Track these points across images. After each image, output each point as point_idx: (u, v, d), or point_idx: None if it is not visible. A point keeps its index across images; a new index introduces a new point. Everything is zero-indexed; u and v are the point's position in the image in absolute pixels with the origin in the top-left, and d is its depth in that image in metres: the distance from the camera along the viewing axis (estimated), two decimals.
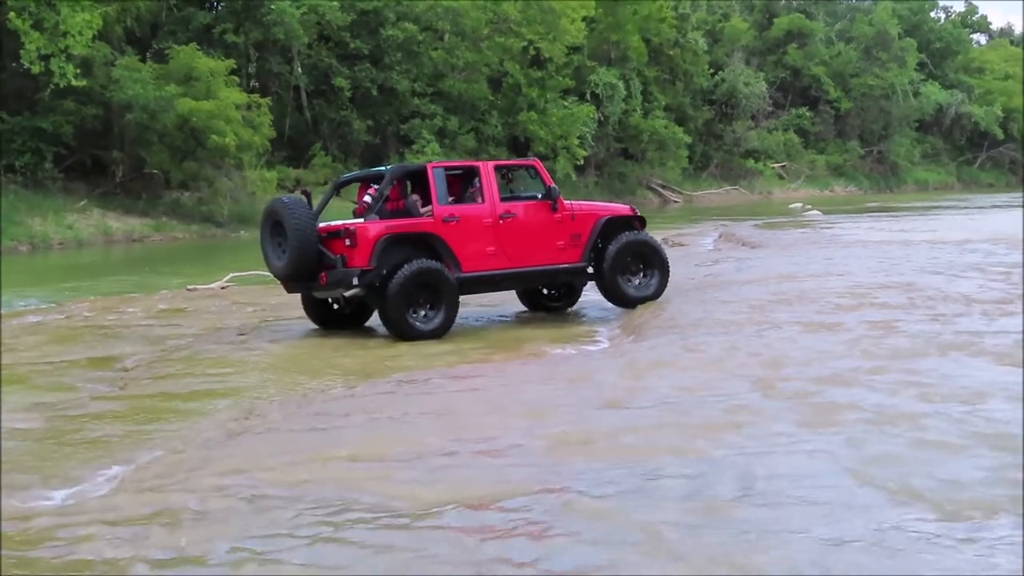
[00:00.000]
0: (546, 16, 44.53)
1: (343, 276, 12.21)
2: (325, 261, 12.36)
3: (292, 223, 12.28)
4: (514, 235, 13.25)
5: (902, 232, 26.79)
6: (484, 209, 13.14)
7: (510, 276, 13.47)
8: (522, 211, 13.43)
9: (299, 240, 12.24)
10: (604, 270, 13.82)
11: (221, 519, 5.96)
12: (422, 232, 12.67)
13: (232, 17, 40.05)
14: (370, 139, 42.67)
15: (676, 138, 52.69)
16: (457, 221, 12.84)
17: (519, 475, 6.63)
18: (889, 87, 66.14)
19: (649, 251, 14.25)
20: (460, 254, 12.77)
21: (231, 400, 9.59)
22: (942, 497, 5.91)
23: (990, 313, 12.06)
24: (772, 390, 8.64)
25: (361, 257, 12.15)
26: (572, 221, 13.64)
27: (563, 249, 13.58)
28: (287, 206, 12.61)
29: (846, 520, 5.67)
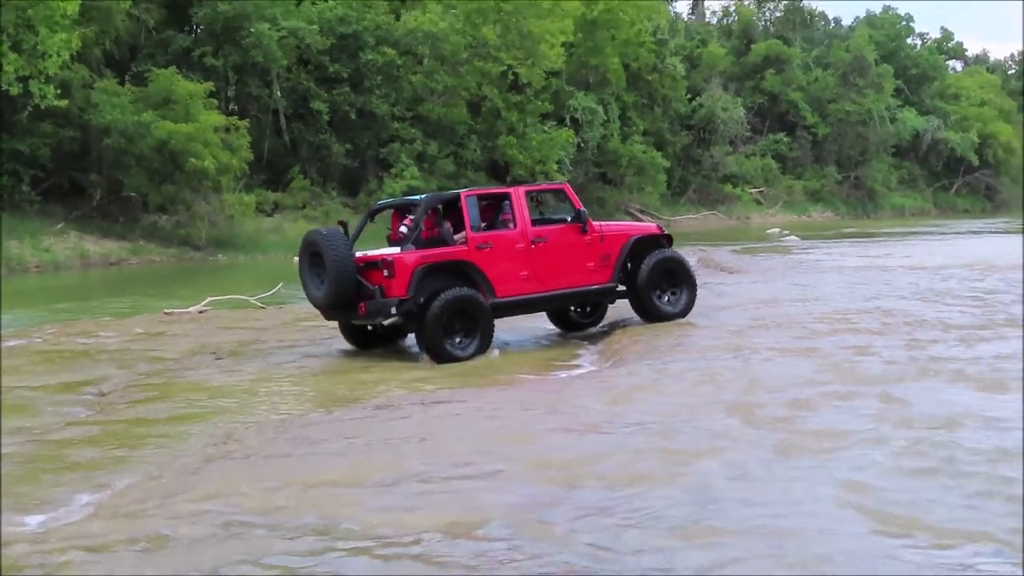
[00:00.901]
0: (525, 41, 44.65)
1: (382, 306, 12.46)
2: (363, 291, 12.60)
3: (331, 255, 12.49)
4: (546, 259, 13.50)
5: (879, 258, 26.91)
6: (516, 234, 13.40)
7: (542, 299, 13.78)
8: (553, 235, 13.69)
9: (338, 271, 12.46)
10: (638, 288, 14.12)
11: (197, 546, 5.93)
12: (457, 260, 12.89)
13: (211, 40, 40.06)
14: (349, 163, 42.64)
15: (655, 163, 52.86)
16: (491, 248, 13.11)
17: (498, 501, 6.61)
18: (866, 113, 66.52)
19: (679, 268, 14.58)
20: (494, 280, 13.03)
21: (208, 425, 9.55)
22: (920, 524, 5.93)
23: (966, 339, 12.11)
24: (750, 416, 8.65)
25: (399, 287, 12.40)
26: (601, 242, 13.94)
27: (593, 270, 13.88)
28: (326, 238, 12.79)
29: (822, 546, 5.68)
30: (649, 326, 14.21)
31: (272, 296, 20.31)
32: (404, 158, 42.17)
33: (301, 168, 41.71)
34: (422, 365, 12.66)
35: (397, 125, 42.97)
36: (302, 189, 40.94)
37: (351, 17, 41.96)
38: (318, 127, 42.06)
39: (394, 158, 42.46)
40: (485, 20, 43.94)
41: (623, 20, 51.84)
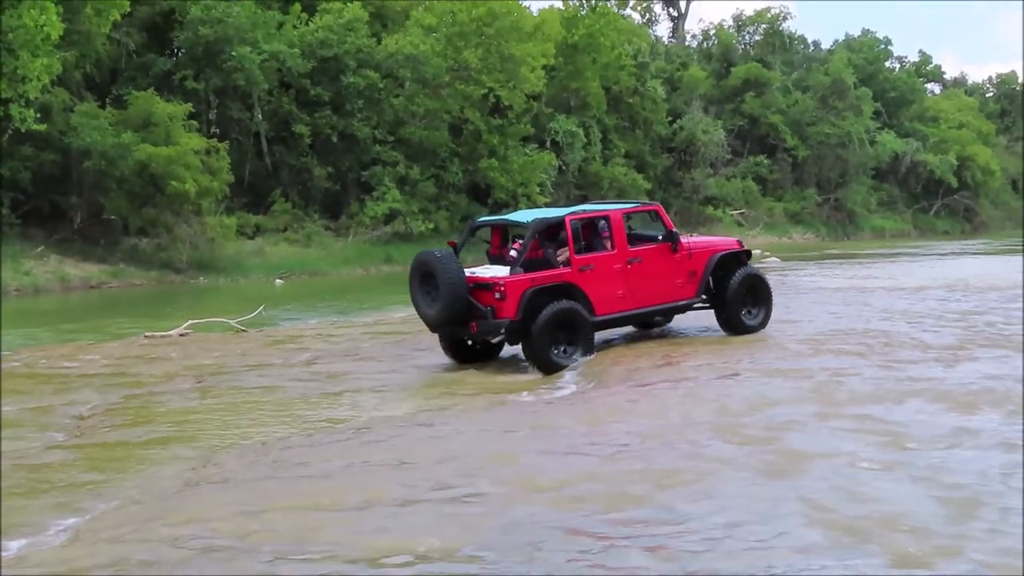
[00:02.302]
0: (506, 64, 44.69)
1: (493, 327, 13.32)
2: (474, 311, 13.31)
3: (445, 277, 13.21)
4: (640, 278, 14.31)
5: (859, 279, 27.00)
6: (614, 256, 14.18)
7: (635, 316, 14.71)
8: (647, 255, 14.48)
9: (452, 292, 13.18)
10: (727, 303, 14.88)
11: (175, 571, 5.90)
12: (563, 283, 13.61)
13: (192, 63, 39.96)
14: (330, 186, 42.53)
15: (636, 185, 52.90)
16: (592, 269, 13.88)
17: (479, 524, 6.60)
18: (845, 135, 66.66)
19: (761, 285, 15.31)
20: (594, 300, 13.81)
21: (188, 449, 9.52)
22: (897, 542, 5.95)
23: (944, 359, 12.17)
24: (730, 436, 8.67)
25: (510, 309, 13.17)
26: (689, 259, 14.77)
27: (681, 286, 14.72)
28: (439, 260, 13.46)
29: (798, 564, 5.69)
30: (630, 348, 14.26)
31: (253, 319, 20.25)
32: (386, 181, 42.08)
33: (282, 191, 41.58)
34: (404, 386, 12.68)
35: (379, 148, 42.89)
36: (283, 212, 40.81)
37: (332, 40, 41.90)
38: (300, 150, 41.96)
39: (376, 181, 42.37)
40: (467, 43, 43.96)
41: (604, 44, 51.94)
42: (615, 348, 14.26)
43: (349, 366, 14.42)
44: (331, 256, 39.48)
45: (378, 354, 15.47)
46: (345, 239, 41.19)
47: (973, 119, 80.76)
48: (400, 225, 41.78)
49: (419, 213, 42.49)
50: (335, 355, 15.52)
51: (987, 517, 6.37)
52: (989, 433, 8.49)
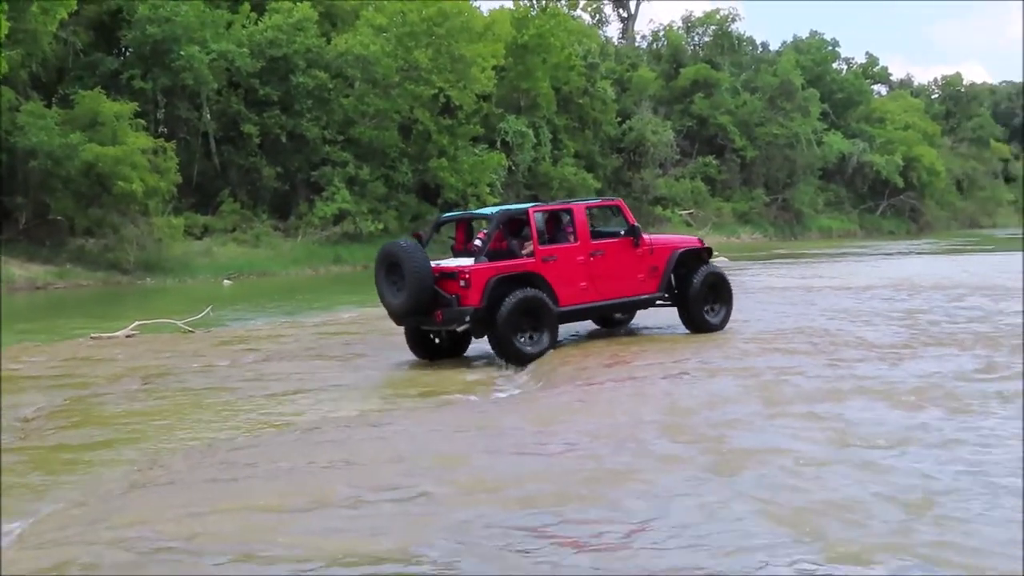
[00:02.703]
0: (456, 64, 44.71)
1: (458, 314, 13.45)
2: (440, 300, 13.51)
3: (411, 266, 13.41)
4: (602, 270, 14.53)
5: (806, 279, 27.22)
6: (577, 248, 14.40)
7: (597, 308, 14.91)
8: (609, 248, 14.70)
9: (417, 281, 13.37)
10: (690, 301, 15.08)
11: (120, 572, 5.86)
12: (526, 272, 13.87)
13: (140, 62, 39.68)
14: (279, 186, 42.37)
15: (586, 185, 53.08)
16: (555, 260, 14.12)
17: (428, 524, 6.60)
18: (793, 136, 67.21)
19: (722, 284, 15.51)
20: (558, 290, 14.00)
21: (134, 450, 9.44)
22: (845, 539, 6.00)
23: (889, 358, 12.30)
24: (678, 435, 8.71)
25: (474, 297, 13.39)
26: (651, 255, 14.96)
27: (643, 281, 14.92)
28: (405, 250, 13.69)
29: (742, 561, 5.74)
30: (578, 347, 14.30)
31: (201, 320, 20.12)
32: (335, 181, 41.99)
33: (231, 191, 41.39)
34: (352, 387, 12.65)
35: (328, 148, 42.78)
36: (232, 212, 40.62)
37: (281, 40, 41.76)
38: (248, 150, 41.79)
39: (325, 181, 42.27)
40: (417, 43, 43.94)
41: (554, 44, 52.10)
42: (564, 348, 14.29)
43: (297, 367, 14.36)
44: (280, 256, 39.34)
45: (327, 355, 15.42)
46: (294, 239, 41.05)
47: (919, 120, 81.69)
48: (349, 225, 41.71)
49: (368, 213, 42.43)
50: (283, 356, 15.45)
51: (930, 512, 6.45)
52: (933, 430, 8.59)
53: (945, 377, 10.94)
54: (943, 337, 13.98)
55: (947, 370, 11.37)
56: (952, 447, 8.03)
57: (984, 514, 6.42)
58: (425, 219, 42.62)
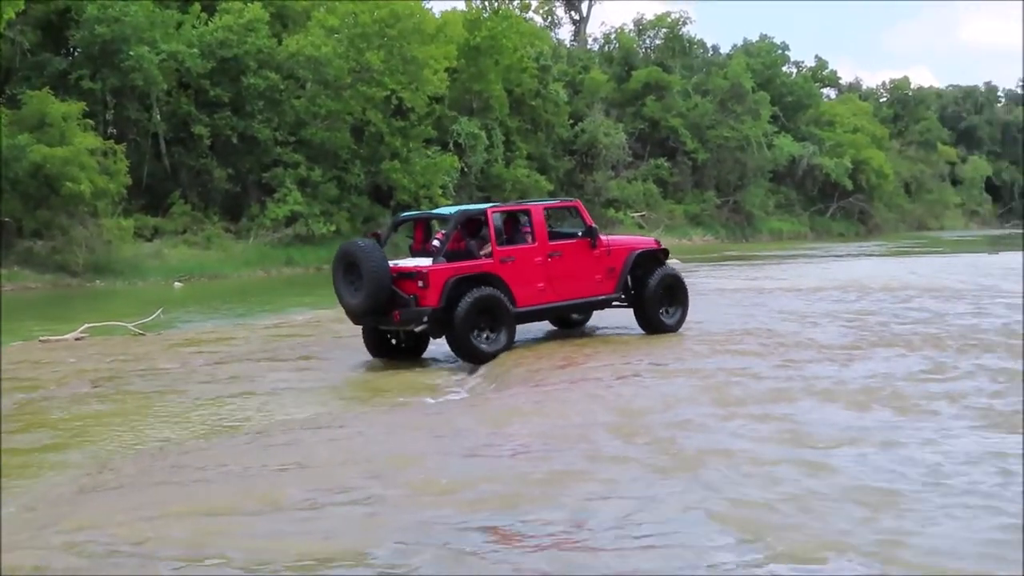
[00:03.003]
0: (408, 66, 44.61)
1: (415, 314, 13.46)
2: (398, 300, 13.51)
3: (369, 266, 13.37)
4: (560, 271, 14.60)
5: (757, 280, 27.41)
6: (535, 249, 14.48)
7: (555, 308, 14.96)
8: (567, 249, 14.79)
9: (376, 281, 13.36)
10: (645, 302, 15.18)
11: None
12: (484, 273, 13.90)
13: (89, 63, 39.30)
14: (230, 187, 42.09)
15: (538, 187, 53.14)
16: (513, 261, 14.20)
17: (380, 526, 6.59)
18: (744, 139, 67.63)
19: (678, 285, 15.63)
20: (516, 291, 14.08)
21: (84, 454, 9.36)
22: (792, 538, 6.05)
23: (839, 359, 12.41)
24: (630, 437, 8.75)
25: (432, 297, 13.41)
26: (608, 256, 15.03)
27: (600, 282, 15.00)
28: (363, 249, 13.63)
29: (695, 562, 5.78)
30: (531, 349, 14.31)
31: (151, 322, 19.96)
32: (287, 183, 41.78)
33: (181, 193, 41.07)
34: (304, 389, 12.60)
35: (280, 150, 42.56)
36: (183, 214, 40.31)
37: (232, 41, 41.50)
38: (199, 151, 41.50)
39: (277, 183, 42.05)
40: (369, 45, 43.80)
41: (506, 46, 52.13)
42: (517, 350, 14.31)
43: (249, 369, 14.28)
44: (231, 258, 39.08)
45: (279, 357, 15.35)
46: (246, 241, 40.82)
47: (867, 124, 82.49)
48: (301, 227, 41.54)
49: (321, 215, 42.27)
50: (235, 358, 15.36)
51: (878, 511, 6.51)
52: (881, 430, 8.69)
53: (894, 378, 11.06)
54: (892, 338, 14.13)
55: (896, 371, 11.50)
56: (900, 447, 8.12)
57: (933, 513, 6.50)
58: (378, 221, 42.51)
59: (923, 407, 9.56)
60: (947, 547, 5.89)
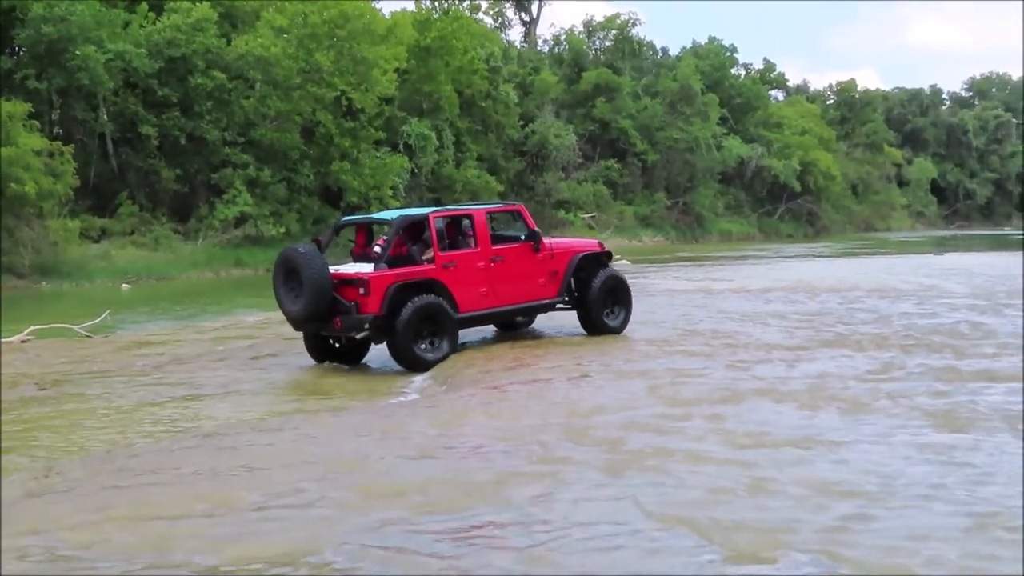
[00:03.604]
0: (358, 67, 44.41)
1: (356, 322, 13.28)
2: (339, 307, 13.31)
3: (309, 272, 13.22)
4: (503, 276, 14.55)
5: (707, 281, 27.57)
6: (478, 254, 14.42)
7: (498, 314, 14.91)
8: (510, 253, 14.79)
9: (316, 288, 13.19)
10: (589, 304, 15.23)
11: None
12: (426, 279, 13.75)
13: (35, 62, 38.85)
14: (179, 188, 41.72)
15: (489, 188, 53.13)
16: (455, 266, 14.08)
17: (331, 528, 6.59)
18: (693, 140, 67.93)
19: (621, 287, 15.66)
20: (458, 296, 13.98)
21: (30, 458, 9.26)
22: (742, 537, 6.11)
23: (788, 359, 12.53)
24: (580, 437, 8.79)
25: (373, 304, 13.22)
26: (551, 259, 15.02)
27: (543, 286, 15.00)
28: (303, 256, 13.48)
29: (647, 563, 5.82)
30: (482, 351, 14.34)
31: (98, 324, 19.78)
32: (236, 184, 41.49)
33: (129, 194, 40.65)
34: (253, 391, 12.56)
35: (228, 150, 42.24)
36: (130, 215, 39.90)
37: (180, 40, 41.13)
38: (147, 152, 41.10)
39: (226, 183, 41.74)
40: (318, 45, 43.58)
41: (456, 47, 52.07)
42: (467, 351, 14.32)
43: (197, 371, 14.20)
44: (180, 260, 38.77)
45: (227, 359, 15.27)
46: (194, 242, 40.50)
47: (815, 126, 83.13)
48: (251, 228, 41.29)
49: (270, 216, 42.03)
50: (183, 360, 15.27)
51: (826, 509, 6.59)
52: (828, 429, 8.78)
53: (840, 378, 11.18)
54: (839, 339, 14.28)
55: (842, 371, 11.63)
56: (847, 447, 8.21)
57: (880, 512, 6.58)
58: (328, 222, 42.28)
59: (869, 407, 9.68)
60: (896, 543, 5.97)
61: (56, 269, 34.69)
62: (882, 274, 28.16)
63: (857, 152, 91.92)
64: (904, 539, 6.04)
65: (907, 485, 7.09)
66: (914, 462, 7.69)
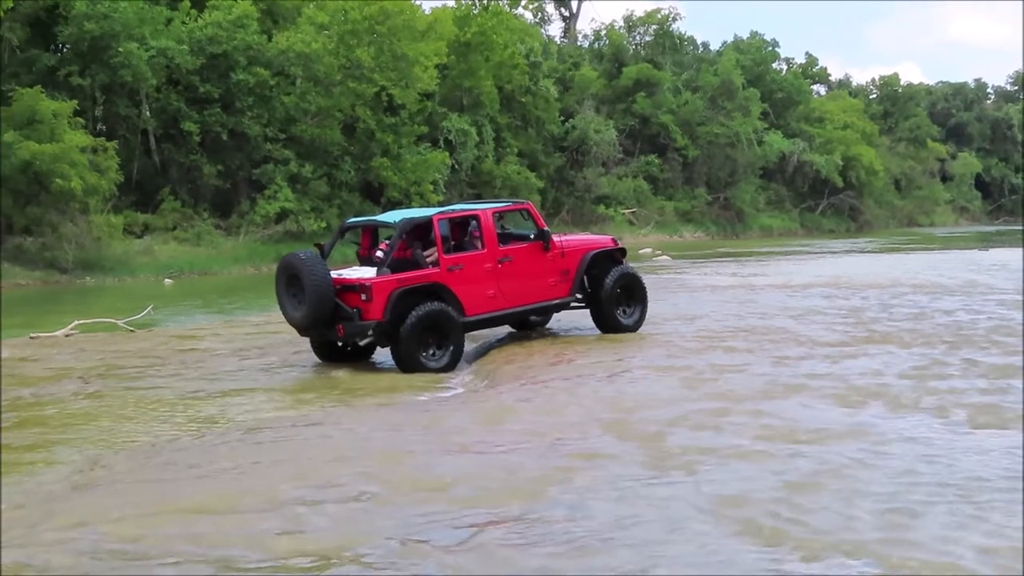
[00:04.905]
0: (399, 63, 44.50)
1: (360, 328, 13.07)
2: (341, 313, 13.06)
3: (311, 279, 12.98)
4: (511, 277, 14.23)
5: (748, 277, 27.42)
6: (484, 255, 14.08)
7: (507, 316, 14.60)
8: (518, 254, 14.44)
9: (318, 295, 12.94)
10: (602, 303, 14.93)
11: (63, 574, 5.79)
12: (431, 283, 13.43)
13: (78, 59, 39.15)
14: (220, 184, 41.97)
15: (528, 184, 53.11)
16: (461, 268, 13.75)
17: (374, 523, 6.59)
18: (734, 135, 67.55)
19: (636, 285, 15.35)
20: (464, 300, 13.64)
21: (75, 451, 9.33)
22: (791, 536, 6.06)
23: (832, 356, 12.43)
24: (623, 433, 8.75)
25: (376, 310, 12.93)
26: (562, 258, 14.71)
27: (554, 285, 14.69)
28: (305, 262, 13.20)
29: (694, 557, 5.78)
30: (523, 345, 14.32)
31: (142, 319, 19.92)
32: (278, 179, 41.68)
33: (171, 189, 40.95)
34: (295, 386, 12.61)
35: (270, 146, 42.43)
36: (172, 211, 40.18)
37: (222, 37, 41.35)
38: (189, 148, 41.35)
39: (267, 179, 41.94)
40: (359, 41, 43.69)
41: (496, 43, 52.05)
42: (508, 346, 14.31)
43: (240, 366, 14.26)
44: (221, 255, 38.99)
45: (269, 353, 15.33)
46: (236, 238, 40.72)
47: (857, 120, 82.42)
48: (292, 224, 41.46)
49: (311, 212, 42.18)
50: (225, 355, 15.33)
51: (874, 509, 6.52)
52: (874, 427, 8.70)
53: (885, 374, 11.08)
54: (882, 335, 14.15)
55: (887, 367, 11.52)
56: (892, 443, 8.13)
57: (926, 511, 6.51)
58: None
59: (915, 404, 9.58)
60: (942, 547, 5.90)
61: (99, 264, 34.97)
62: (926, 270, 27.90)
63: (900, 147, 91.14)
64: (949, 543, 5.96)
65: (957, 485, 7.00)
66: (965, 459, 7.60)
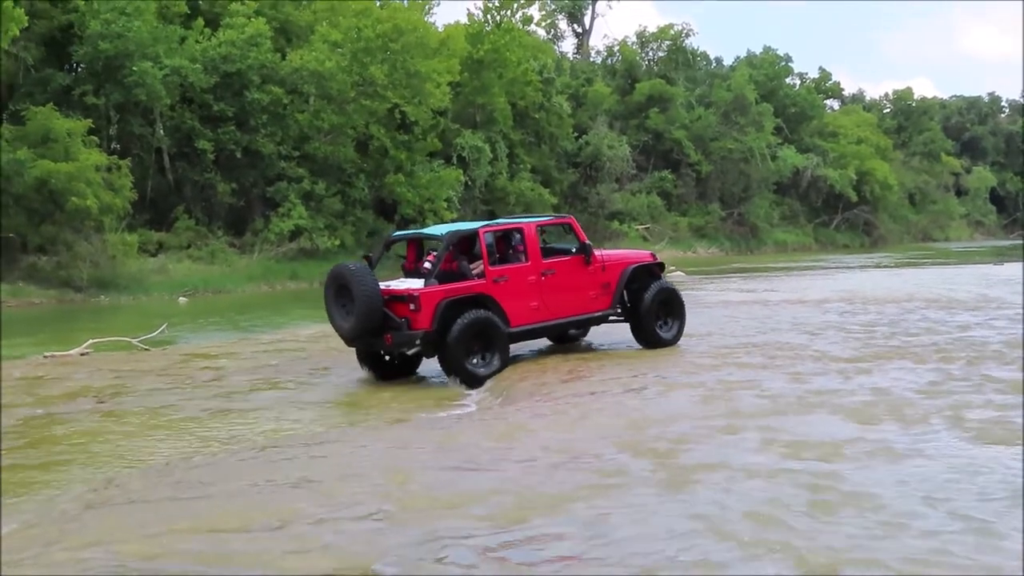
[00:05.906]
0: (412, 80, 44.61)
1: (408, 338, 13.40)
2: (390, 323, 13.41)
3: (360, 289, 13.29)
4: (554, 289, 14.56)
5: (763, 292, 27.38)
6: (528, 267, 14.42)
7: (549, 327, 14.91)
8: (561, 267, 14.78)
9: (367, 305, 13.27)
10: (641, 316, 15.18)
11: None
12: (476, 294, 13.77)
13: (92, 78, 39.33)
14: (234, 202, 42.08)
15: (542, 200, 53.15)
16: (506, 280, 14.12)
17: (387, 541, 6.57)
18: (747, 151, 67.53)
19: (674, 299, 15.61)
20: (509, 311, 14.00)
21: (89, 470, 9.34)
22: (806, 553, 6.02)
23: (846, 372, 12.37)
24: (637, 450, 8.72)
25: (424, 320, 13.30)
26: (603, 272, 15.00)
27: (595, 298, 15.00)
28: (354, 273, 13.53)
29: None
30: (537, 363, 14.30)
31: (156, 337, 19.96)
32: (291, 197, 41.79)
33: (186, 207, 41.08)
34: (309, 404, 12.60)
35: (284, 164, 42.55)
36: (187, 229, 40.31)
37: (235, 55, 41.52)
38: (203, 166, 41.49)
39: (281, 197, 42.06)
40: (372, 59, 43.82)
41: (509, 59, 52.15)
42: (522, 363, 14.29)
43: (254, 384, 14.28)
44: (236, 273, 39.07)
45: (283, 372, 15.35)
46: (250, 256, 40.80)
47: (871, 134, 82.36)
48: (306, 241, 41.55)
49: (325, 229, 42.28)
50: (240, 373, 15.35)
51: (890, 525, 6.48)
52: (888, 443, 8.65)
53: (899, 391, 11.02)
54: (897, 351, 14.09)
55: (903, 384, 11.46)
56: (901, 460, 8.09)
57: (941, 529, 6.47)
58: (382, 235, 42.42)
59: (930, 421, 9.53)
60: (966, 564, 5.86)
61: (114, 283, 35.06)
62: (941, 285, 27.81)
63: (914, 161, 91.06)
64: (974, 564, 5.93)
65: (964, 504, 6.96)
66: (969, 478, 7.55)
